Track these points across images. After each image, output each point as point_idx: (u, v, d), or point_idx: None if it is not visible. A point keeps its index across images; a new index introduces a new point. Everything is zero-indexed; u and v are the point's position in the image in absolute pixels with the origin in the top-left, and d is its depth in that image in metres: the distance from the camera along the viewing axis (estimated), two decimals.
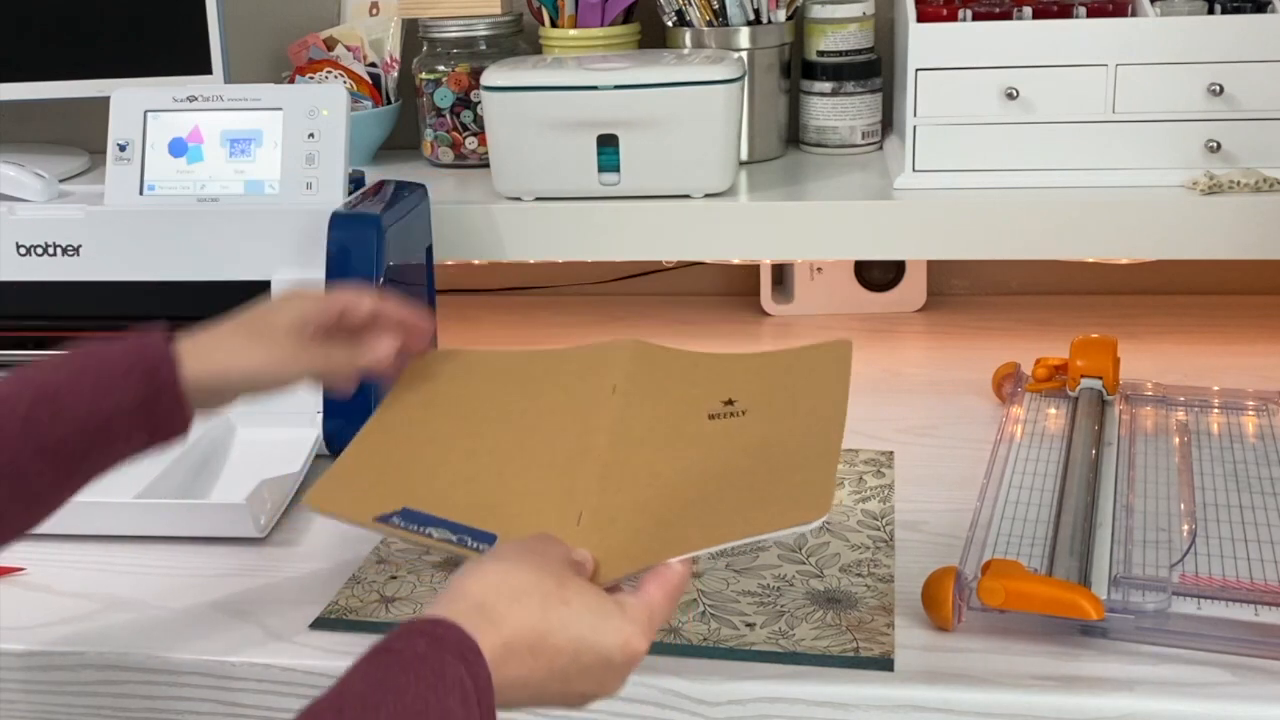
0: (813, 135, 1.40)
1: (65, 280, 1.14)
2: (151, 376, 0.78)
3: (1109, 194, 1.20)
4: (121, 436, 0.78)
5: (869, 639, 0.81)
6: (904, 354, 1.34)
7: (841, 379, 0.84)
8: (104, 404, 0.76)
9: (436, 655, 0.61)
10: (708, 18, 1.34)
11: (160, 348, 0.80)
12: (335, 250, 1.07)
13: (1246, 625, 0.78)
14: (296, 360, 0.84)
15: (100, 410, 0.76)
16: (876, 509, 0.98)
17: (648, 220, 1.25)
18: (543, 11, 1.39)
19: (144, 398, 0.78)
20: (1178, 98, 1.19)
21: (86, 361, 0.78)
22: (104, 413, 0.76)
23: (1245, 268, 1.41)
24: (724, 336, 1.39)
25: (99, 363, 0.78)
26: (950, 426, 1.13)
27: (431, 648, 0.62)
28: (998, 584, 0.78)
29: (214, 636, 0.84)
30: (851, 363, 0.86)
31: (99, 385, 0.77)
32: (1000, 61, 1.20)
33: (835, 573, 0.89)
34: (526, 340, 1.40)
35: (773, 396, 0.85)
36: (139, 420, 0.78)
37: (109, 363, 0.78)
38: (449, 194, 1.31)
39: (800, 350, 0.90)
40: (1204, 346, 1.30)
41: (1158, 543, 0.87)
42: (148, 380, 0.78)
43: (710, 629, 0.83)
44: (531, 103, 1.22)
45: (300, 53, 1.45)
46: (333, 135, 1.13)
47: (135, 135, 1.15)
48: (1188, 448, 1.02)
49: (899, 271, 1.44)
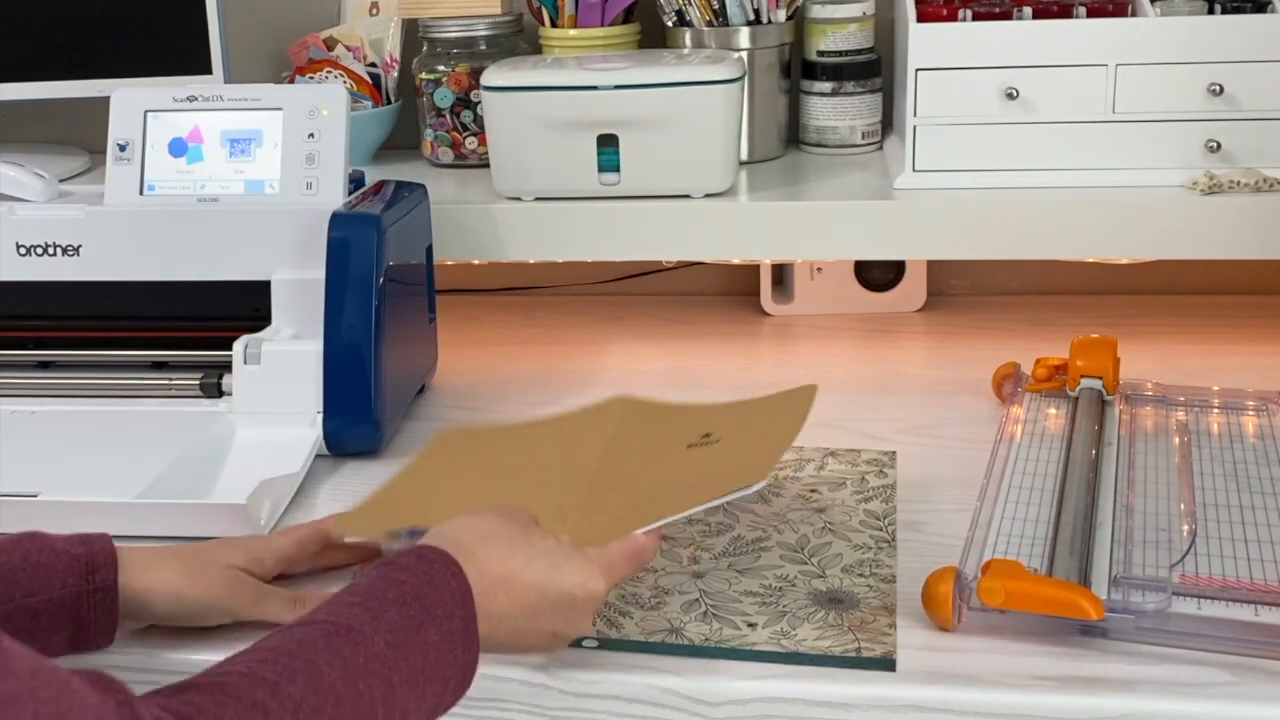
0: (813, 135, 1.40)
1: (65, 280, 1.14)
2: (91, 576, 0.78)
3: (1109, 194, 1.20)
4: (46, 628, 0.77)
5: (871, 639, 0.81)
6: (904, 354, 1.34)
7: (802, 410, 0.95)
8: (39, 593, 0.77)
9: (425, 565, 0.70)
10: (708, 18, 1.34)
11: (106, 549, 0.80)
12: (335, 250, 1.07)
13: (1246, 625, 0.78)
14: (225, 600, 0.83)
15: (34, 598, 0.76)
16: (879, 509, 0.98)
17: (648, 220, 1.25)
18: (543, 11, 1.39)
19: (80, 591, 0.78)
20: (1178, 98, 1.19)
21: (32, 545, 0.78)
22: (36, 602, 0.76)
23: (1245, 268, 1.41)
24: (724, 336, 1.39)
25: (42, 551, 0.78)
26: (950, 426, 1.13)
27: (420, 560, 0.70)
28: (998, 584, 0.78)
29: (214, 636, 0.84)
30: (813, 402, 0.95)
31: (38, 575, 0.77)
32: (1000, 61, 1.20)
33: (837, 573, 0.89)
34: (526, 340, 1.40)
35: (745, 428, 0.93)
36: (67, 615, 0.78)
37: (51, 550, 0.78)
38: (449, 194, 1.31)
39: (776, 395, 0.97)
40: (1204, 346, 1.30)
41: (1158, 543, 0.87)
42: (87, 577, 0.78)
43: (712, 629, 0.83)
44: (531, 103, 1.22)
45: (300, 53, 1.45)
46: (333, 135, 1.13)
47: (135, 135, 1.15)
48: (1188, 448, 1.02)
49: (899, 271, 1.44)
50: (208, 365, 1.12)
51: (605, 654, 0.80)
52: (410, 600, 0.68)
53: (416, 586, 0.69)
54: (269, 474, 0.98)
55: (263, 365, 1.07)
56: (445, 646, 0.68)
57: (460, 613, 0.70)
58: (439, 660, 0.68)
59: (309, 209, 1.11)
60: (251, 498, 0.94)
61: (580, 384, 1.27)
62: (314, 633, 0.65)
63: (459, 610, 0.70)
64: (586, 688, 0.78)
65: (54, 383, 1.13)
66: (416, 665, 0.66)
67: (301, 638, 0.64)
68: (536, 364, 1.33)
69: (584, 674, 0.79)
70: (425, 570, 0.70)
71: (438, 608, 0.69)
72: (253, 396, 1.08)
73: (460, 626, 0.69)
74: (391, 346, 1.09)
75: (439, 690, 0.68)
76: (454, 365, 1.30)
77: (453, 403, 1.23)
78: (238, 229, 1.12)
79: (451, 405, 1.22)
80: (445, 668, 0.68)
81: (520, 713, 0.79)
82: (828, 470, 1.05)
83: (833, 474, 1.04)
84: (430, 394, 1.24)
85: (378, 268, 1.06)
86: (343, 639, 0.64)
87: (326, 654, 0.63)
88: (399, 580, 0.69)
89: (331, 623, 0.66)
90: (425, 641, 0.67)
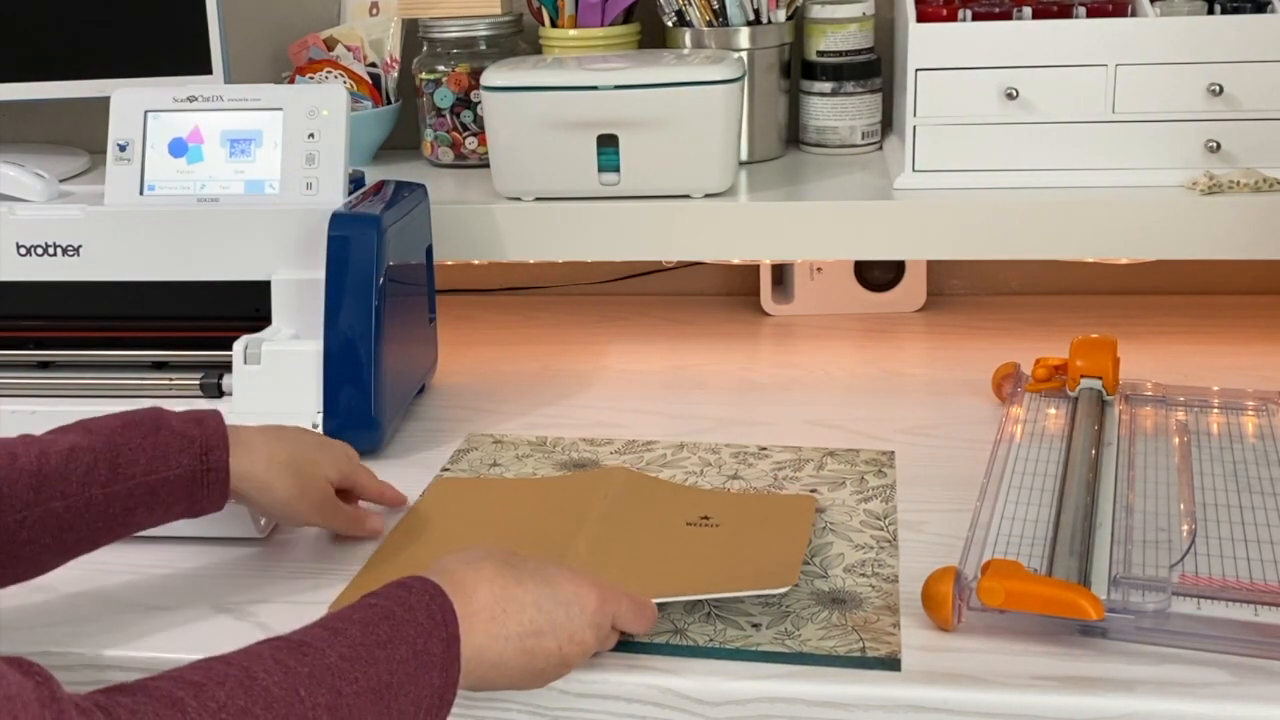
0: (813, 135, 1.40)
1: (65, 280, 1.14)
2: (205, 457, 0.86)
3: (1109, 194, 1.20)
4: (164, 504, 0.85)
5: (875, 639, 0.81)
6: (904, 354, 1.34)
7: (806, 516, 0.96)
8: (158, 470, 0.84)
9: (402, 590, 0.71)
10: (708, 18, 1.34)
11: (219, 431, 0.87)
12: (335, 250, 1.07)
13: (1246, 625, 0.78)
14: (315, 512, 0.92)
15: (154, 476, 0.84)
16: (879, 509, 0.98)
17: (648, 220, 1.25)
18: (543, 11, 1.39)
19: (195, 473, 0.85)
20: (1177, 98, 1.19)
21: (150, 427, 0.85)
22: (156, 479, 0.84)
23: (1245, 268, 1.41)
24: (724, 336, 1.39)
25: (160, 431, 0.85)
26: (950, 426, 1.13)
27: (398, 587, 0.71)
28: (997, 584, 0.78)
29: (214, 636, 0.84)
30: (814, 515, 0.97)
31: (157, 454, 0.84)
32: (1000, 61, 1.20)
33: (839, 573, 0.89)
34: (526, 340, 1.40)
35: (743, 518, 0.96)
36: (183, 492, 0.85)
37: (169, 429, 0.85)
38: (449, 194, 1.31)
39: (772, 495, 1.01)
40: (1204, 346, 1.30)
41: (1157, 543, 0.87)
42: (202, 458, 0.86)
43: (716, 629, 0.83)
44: (531, 103, 1.22)
45: (300, 53, 1.45)
46: (333, 135, 1.13)
47: (135, 135, 1.15)
48: (1187, 448, 1.02)
49: (899, 271, 1.44)
50: (208, 365, 1.12)
51: (605, 654, 0.80)
52: (379, 620, 0.68)
53: (388, 608, 0.69)
54: None
55: (263, 365, 1.07)
56: (415, 665, 0.67)
57: (441, 634, 0.69)
58: (410, 677, 0.67)
59: (309, 209, 1.11)
60: None
61: (580, 384, 1.27)
62: (262, 646, 0.65)
63: (439, 631, 0.69)
64: (587, 688, 0.78)
65: (54, 383, 1.13)
66: (380, 679, 0.66)
67: (247, 650, 0.65)
68: (536, 364, 1.33)
69: (584, 674, 0.79)
70: (401, 595, 0.70)
71: (408, 627, 0.68)
72: (253, 396, 1.08)
73: (440, 648, 0.69)
74: (391, 346, 1.09)
75: (411, 709, 0.67)
76: (454, 365, 1.30)
77: (453, 403, 1.23)
78: (238, 229, 1.12)
79: (451, 405, 1.22)
80: (417, 685, 0.67)
81: (520, 713, 0.79)
82: (827, 470, 1.05)
83: (832, 474, 1.04)
84: (430, 394, 1.25)
85: (378, 268, 1.06)
86: (289, 651, 0.65)
87: (268, 662, 0.63)
88: (371, 604, 0.70)
89: (284, 638, 0.66)
90: (392, 658, 0.66)
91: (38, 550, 0.81)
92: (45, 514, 0.80)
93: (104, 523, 0.83)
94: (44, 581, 0.91)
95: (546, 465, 1.08)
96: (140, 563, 0.94)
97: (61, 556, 0.83)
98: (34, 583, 0.91)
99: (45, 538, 0.81)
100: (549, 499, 1.00)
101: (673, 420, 1.17)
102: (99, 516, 0.82)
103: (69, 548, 0.83)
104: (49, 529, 0.81)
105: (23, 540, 0.80)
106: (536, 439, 1.13)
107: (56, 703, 0.56)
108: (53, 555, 0.83)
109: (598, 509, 0.96)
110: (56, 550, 0.82)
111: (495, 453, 1.10)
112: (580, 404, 1.22)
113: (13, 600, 0.89)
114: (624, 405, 1.21)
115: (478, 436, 1.14)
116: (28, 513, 0.80)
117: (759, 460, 1.07)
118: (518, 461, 1.08)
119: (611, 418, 1.18)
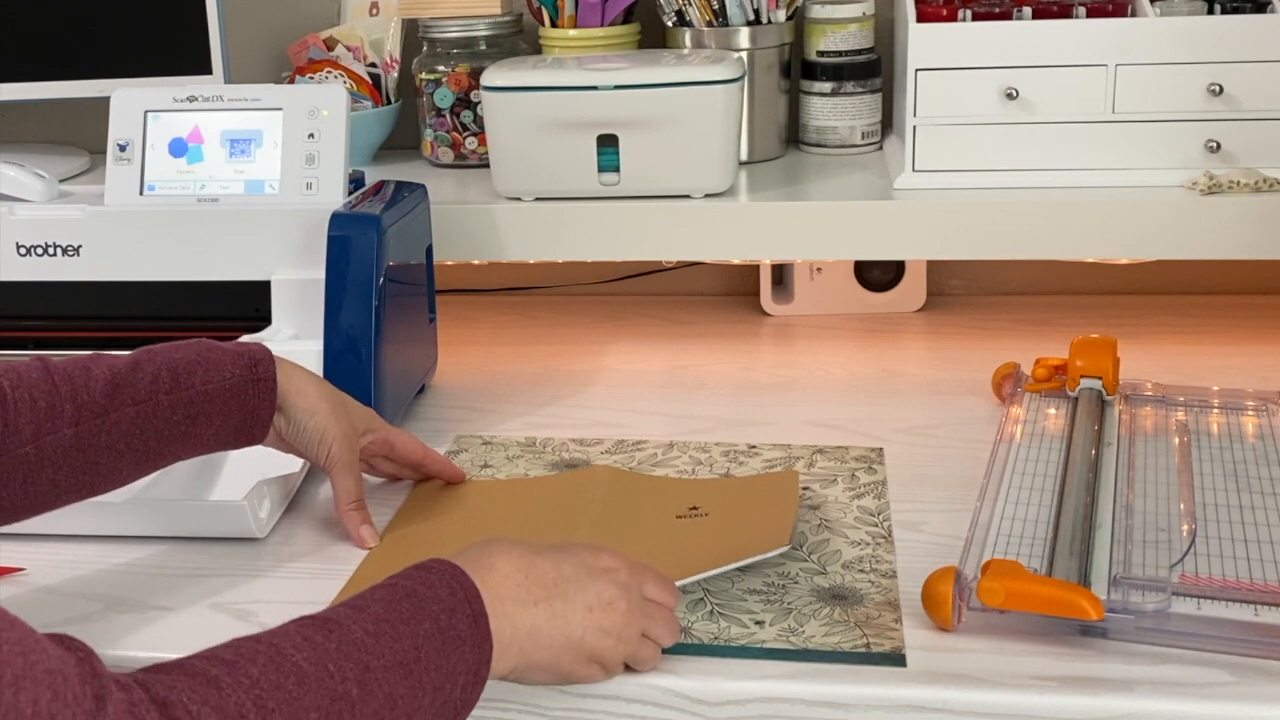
0: (813, 135, 1.40)
1: (65, 280, 1.14)
2: (255, 368, 0.91)
3: (1109, 194, 1.21)
4: (221, 413, 0.90)
5: (878, 635, 0.81)
6: (904, 354, 1.34)
7: (792, 491, 0.97)
8: (214, 379, 0.90)
9: (422, 570, 0.72)
10: (708, 18, 1.34)
11: (264, 351, 0.93)
12: (335, 250, 1.07)
13: (1246, 625, 0.78)
14: (343, 444, 0.95)
15: (211, 384, 0.89)
16: (872, 505, 0.98)
17: (648, 220, 1.25)
18: (543, 11, 1.39)
19: (246, 380, 0.91)
20: (1177, 98, 1.20)
21: (201, 347, 0.91)
22: (214, 387, 0.89)
23: (1245, 268, 1.41)
24: (724, 336, 1.39)
25: (211, 348, 0.91)
26: (950, 426, 1.13)
27: (418, 568, 0.72)
28: (997, 584, 0.78)
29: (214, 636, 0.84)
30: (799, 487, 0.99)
31: (211, 366, 0.90)
32: (1000, 61, 1.20)
33: (838, 569, 0.89)
34: (526, 340, 1.40)
35: (731, 504, 0.96)
36: (237, 403, 0.90)
37: (220, 349, 0.91)
38: (449, 194, 1.31)
39: (756, 476, 1.03)
40: (1204, 346, 1.30)
41: (1157, 543, 0.87)
42: (251, 369, 0.91)
43: (720, 628, 0.83)
44: (531, 103, 1.22)
45: (300, 53, 1.45)
46: (333, 135, 1.13)
47: (135, 135, 1.15)
48: (1187, 448, 1.02)
49: (899, 271, 1.44)
50: None
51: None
52: (401, 599, 0.69)
53: (409, 587, 0.71)
54: (269, 474, 0.98)
55: None
56: (441, 640, 0.69)
57: (465, 609, 0.70)
58: (438, 651, 0.68)
59: (309, 209, 1.11)
60: (249, 497, 0.94)
61: (580, 384, 1.27)
62: (289, 625, 0.67)
63: (463, 608, 0.70)
64: (586, 688, 0.78)
65: None
66: (407, 654, 0.67)
67: (273, 630, 0.66)
68: (536, 364, 1.33)
69: None
70: (421, 575, 0.72)
71: (432, 604, 0.69)
72: None
73: (466, 624, 0.70)
74: (391, 346, 1.09)
75: (446, 684, 0.68)
76: (454, 365, 1.30)
77: (452, 403, 1.23)
78: (238, 229, 1.12)
79: (451, 405, 1.22)
80: (448, 659, 0.68)
81: (520, 713, 0.79)
82: (818, 468, 1.05)
83: (823, 471, 1.04)
84: (430, 394, 1.24)
85: (378, 268, 1.06)
86: (316, 628, 0.66)
87: (297, 639, 0.65)
88: (392, 584, 0.71)
89: (310, 616, 0.68)
90: (416, 633, 0.68)
91: (114, 457, 0.86)
92: (120, 419, 0.86)
93: (170, 430, 0.88)
94: (44, 580, 0.92)
95: (537, 466, 1.08)
96: (140, 563, 0.94)
97: (135, 468, 0.88)
98: (34, 581, 0.92)
99: (120, 443, 0.86)
100: (536, 500, 1.01)
101: (672, 420, 1.17)
102: (165, 423, 0.88)
103: (141, 458, 0.88)
104: (124, 434, 0.86)
105: (102, 445, 0.85)
106: (526, 440, 1.13)
107: (97, 678, 0.57)
108: (129, 465, 0.87)
109: (588, 513, 0.96)
110: (131, 459, 0.87)
111: (485, 454, 1.10)
112: (580, 404, 1.22)
113: (13, 600, 0.89)
114: (624, 405, 1.21)
115: (466, 438, 1.14)
116: (105, 419, 0.85)
117: (749, 458, 1.07)
118: (508, 463, 1.08)
119: (611, 418, 1.18)
